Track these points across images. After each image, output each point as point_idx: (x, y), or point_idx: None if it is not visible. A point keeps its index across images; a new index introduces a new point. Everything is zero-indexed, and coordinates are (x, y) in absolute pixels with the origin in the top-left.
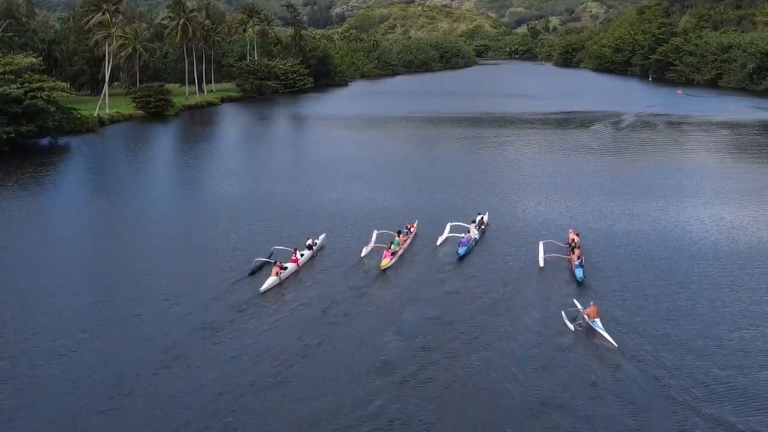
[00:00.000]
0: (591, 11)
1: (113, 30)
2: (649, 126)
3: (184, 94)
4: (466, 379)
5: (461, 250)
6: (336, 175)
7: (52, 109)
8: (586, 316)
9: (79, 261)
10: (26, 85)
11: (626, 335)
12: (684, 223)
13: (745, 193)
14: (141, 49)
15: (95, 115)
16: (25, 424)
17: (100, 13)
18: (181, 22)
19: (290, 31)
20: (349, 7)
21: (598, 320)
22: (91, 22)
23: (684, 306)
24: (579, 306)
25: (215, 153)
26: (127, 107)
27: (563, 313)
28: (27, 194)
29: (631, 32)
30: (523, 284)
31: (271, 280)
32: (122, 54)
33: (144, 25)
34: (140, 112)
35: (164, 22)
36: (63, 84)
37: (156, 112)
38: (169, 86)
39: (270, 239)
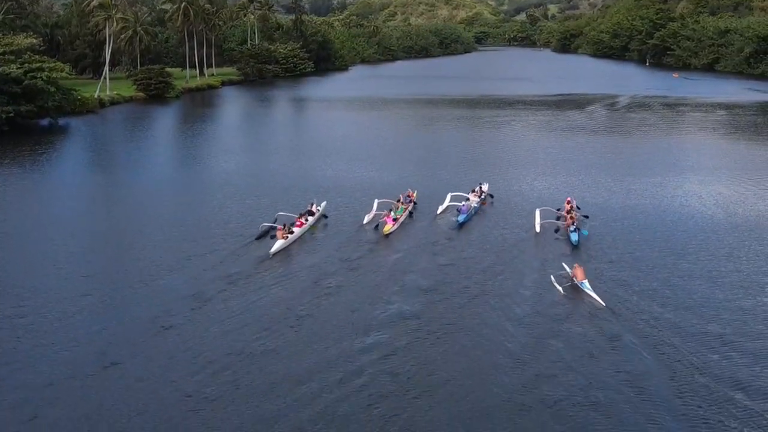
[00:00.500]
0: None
1: (113, 12)
2: (645, 107)
3: (185, 78)
4: (461, 331)
5: (461, 218)
6: (336, 152)
7: (52, 89)
8: (573, 278)
9: (76, 234)
10: (26, 65)
11: (618, 293)
12: (681, 197)
13: (741, 170)
14: (142, 32)
15: (95, 96)
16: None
17: None
18: (182, 5)
19: (291, 16)
20: None
21: (586, 281)
22: (92, 3)
23: (679, 269)
24: (567, 269)
25: (215, 132)
26: (128, 90)
27: (552, 276)
28: (23, 171)
29: (629, 18)
30: (520, 249)
31: (279, 243)
32: (123, 36)
33: (145, 9)
34: (141, 94)
35: (165, 6)
36: (63, 65)
37: (156, 94)
38: (171, 70)
39: (274, 208)
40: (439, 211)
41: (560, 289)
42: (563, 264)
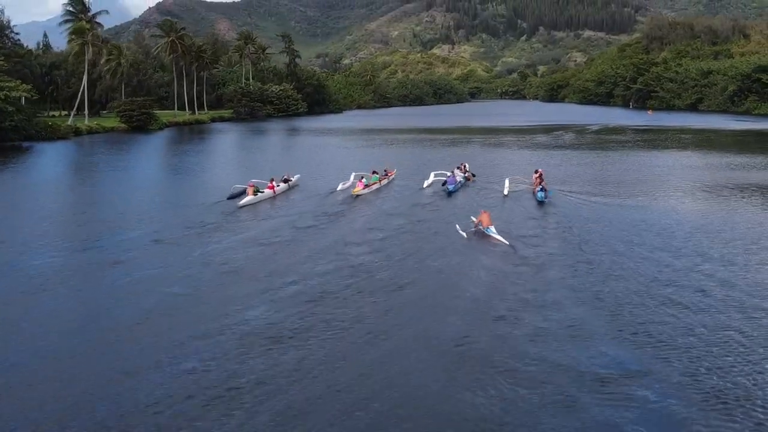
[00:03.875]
0: (576, 60)
1: (89, 38)
2: (615, 131)
3: (174, 114)
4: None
5: (450, 188)
6: (318, 164)
7: (10, 109)
8: (479, 224)
9: None
10: None
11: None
12: (651, 203)
13: (705, 182)
14: (125, 64)
15: (69, 123)
16: None
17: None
18: (170, 40)
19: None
20: (358, 59)
21: (492, 227)
22: (69, 28)
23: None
24: (473, 218)
25: (192, 152)
26: (113, 122)
27: (457, 225)
28: None
29: (613, 66)
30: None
31: (248, 198)
32: (107, 68)
33: (136, 47)
34: (123, 125)
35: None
36: (25, 86)
37: (139, 126)
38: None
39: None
40: (424, 185)
41: (464, 234)
42: (471, 218)
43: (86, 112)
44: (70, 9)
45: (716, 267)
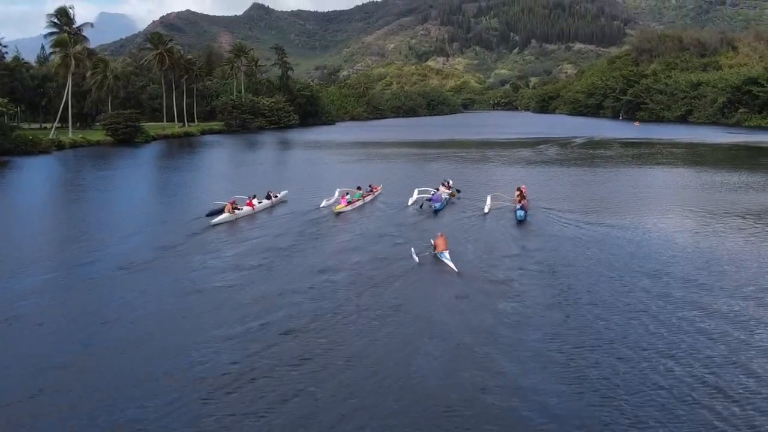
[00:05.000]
0: (566, 72)
1: (71, 50)
2: (600, 144)
3: (163, 127)
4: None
5: (436, 206)
6: (304, 178)
7: None
8: (434, 248)
9: None
10: None
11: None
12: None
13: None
14: (111, 77)
15: (51, 137)
16: None
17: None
18: (158, 53)
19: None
20: (355, 71)
21: (446, 252)
22: (51, 40)
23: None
24: (431, 241)
25: (176, 166)
26: (99, 135)
27: (412, 248)
28: None
29: (603, 78)
30: (460, 226)
31: (223, 216)
32: (93, 82)
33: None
34: (109, 138)
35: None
36: (1, 99)
37: (125, 138)
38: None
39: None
40: (409, 203)
41: (416, 258)
42: (431, 240)
43: (70, 124)
44: (55, 21)
45: (694, 292)
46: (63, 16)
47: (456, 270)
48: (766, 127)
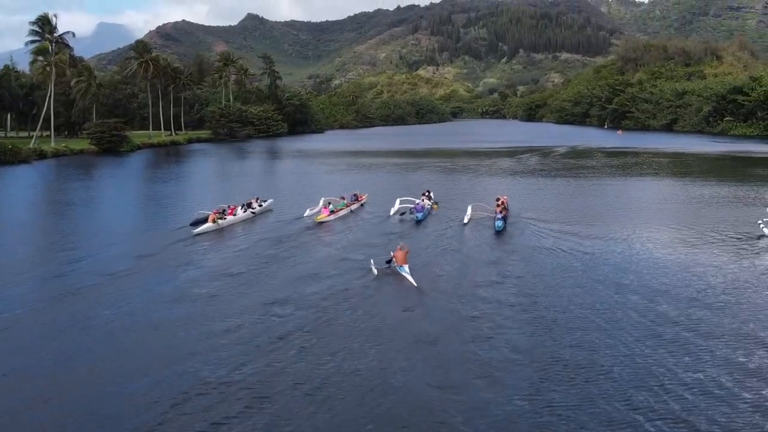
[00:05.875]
0: (553, 81)
1: (52, 59)
2: (582, 154)
3: (149, 135)
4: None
5: (418, 216)
6: (291, 187)
7: None
8: (393, 260)
9: None
10: None
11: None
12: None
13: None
14: (95, 85)
15: (32, 146)
16: None
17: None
18: (142, 62)
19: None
20: (347, 79)
21: (406, 266)
22: (32, 48)
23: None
24: (391, 253)
25: (160, 176)
26: (83, 144)
27: (372, 260)
28: None
29: (589, 87)
30: (437, 236)
31: (206, 225)
32: (77, 90)
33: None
34: (93, 147)
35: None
36: None
37: (110, 147)
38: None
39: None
40: (391, 213)
41: (375, 271)
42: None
43: (52, 133)
44: (36, 29)
45: (668, 307)
46: (46, 24)
47: (415, 284)
48: (752, 136)
